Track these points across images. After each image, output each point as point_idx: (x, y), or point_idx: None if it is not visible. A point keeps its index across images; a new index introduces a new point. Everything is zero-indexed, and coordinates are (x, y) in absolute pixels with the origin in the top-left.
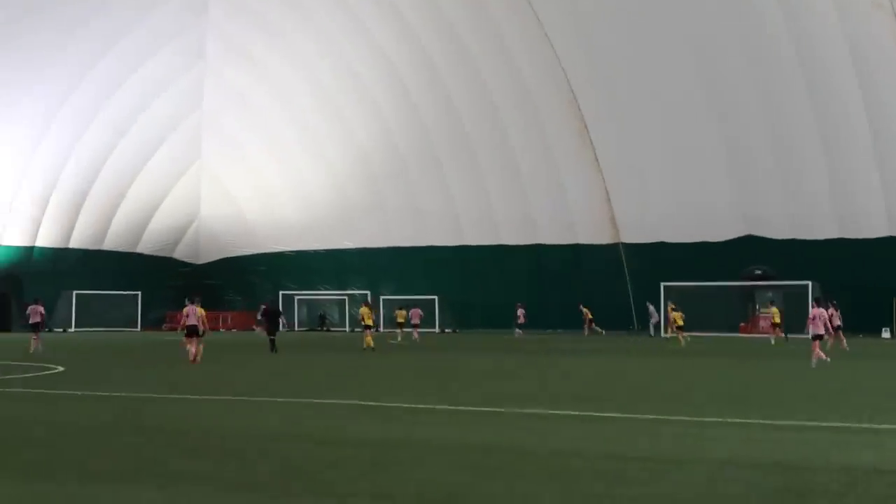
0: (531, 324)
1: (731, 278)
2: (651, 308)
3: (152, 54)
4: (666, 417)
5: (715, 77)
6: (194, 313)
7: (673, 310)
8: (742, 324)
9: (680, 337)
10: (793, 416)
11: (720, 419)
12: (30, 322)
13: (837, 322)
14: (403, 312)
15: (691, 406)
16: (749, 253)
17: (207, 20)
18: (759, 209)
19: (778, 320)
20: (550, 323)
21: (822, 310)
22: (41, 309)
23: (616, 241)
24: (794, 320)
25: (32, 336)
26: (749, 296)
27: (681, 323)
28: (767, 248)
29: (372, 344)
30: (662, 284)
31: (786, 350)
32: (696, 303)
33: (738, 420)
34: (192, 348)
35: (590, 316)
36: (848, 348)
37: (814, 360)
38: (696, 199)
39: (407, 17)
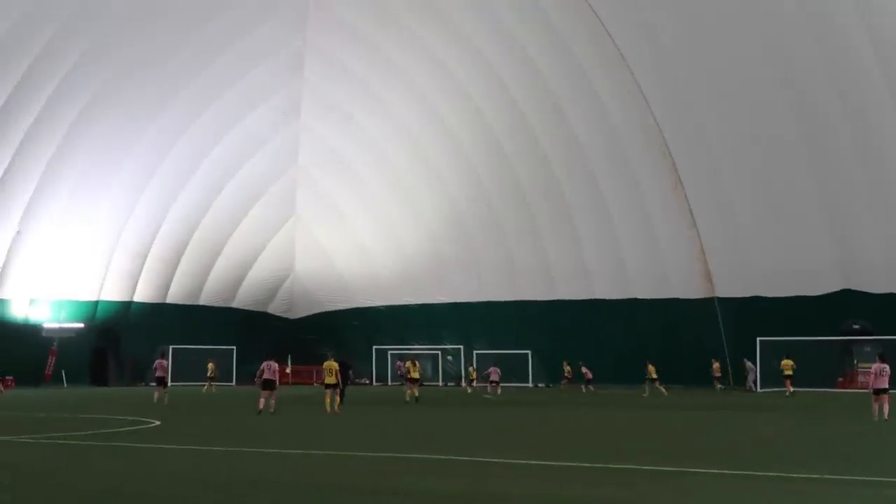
0: (622, 379)
1: (828, 333)
2: (748, 364)
3: (249, 111)
4: (762, 474)
5: (812, 129)
6: (269, 369)
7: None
8: (840, 378)
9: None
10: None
11: (815, 475)
12: (156, 376)
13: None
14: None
15: (786, 462)
16: (846, 307)
17: (303, 78)
18: (856, 263)
19: (790, 373)
20: (642, 377)
21: (878, 365)
22: (165, 364)
23: (711, 295)
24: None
25: (156, 389)
26: (847, 350)
27: (789, 372)
28: (865, 302)
29: (416, 394)
30: (758, 339)
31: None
32: (793, 358)
33: (833, 477)
34: (262, 400)
35: (654, 375)
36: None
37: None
38: (792, 252)
39: (500, 72)
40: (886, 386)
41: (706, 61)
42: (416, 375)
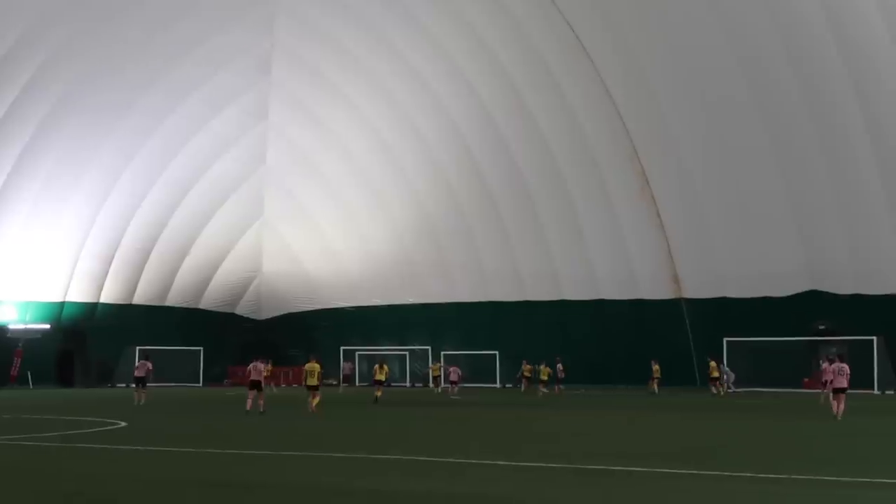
0: (591, 379)
1: (795, 333)
2: (724, 367)
3: (217, 113)
4: (735, 474)
5: (779, 132)
6: (256, 369)
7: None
8: (805, 379)
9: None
10: (858, 472)
11: (787, 476)
12: (135, 376)
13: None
14: (437, 366)
15: (762, 462)
16: (813, 308)
17: (271, 80)
18: (823, 264)
19: (716, 374)
20: (611, 378)
21: (837, 365)
22: (149, 365)
23: (678, 296)
24: (861, 375)
25: (136, 391)
26: (813, 351)
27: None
28: (831, 303)
29: (379, 394)
30: (725, 340)
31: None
32: (759, 358)
33: (804, 477)
34: (250, 400)
35: (657, 375)
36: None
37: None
38: (759, 254)
39: (468, 75)
40: (846, 385)
41: (676, 65)
42: (381, 377)
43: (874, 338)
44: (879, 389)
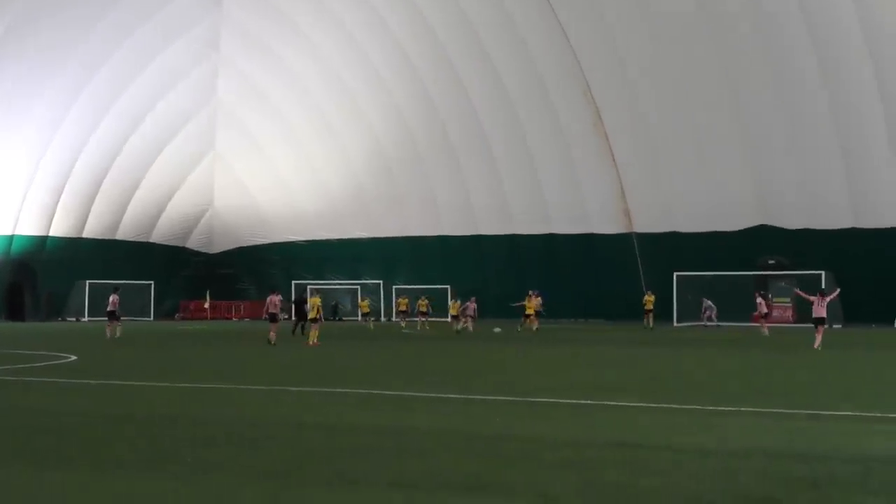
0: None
1: (745, 268)
2: (707, 302)
3: (167, 46)
4: (681, 406)
5: (730, 68)
6: (273, 303)
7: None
8: (754, 313)
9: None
10: (806, 405)
11: (735, 408)
12: (107, 311)
13: (765, 310)
14: (405, 300)
15: (706, 395)
16: (762, 243)
17: (221, 11)
18: (773, 198)
19: (651, 307)
20: (563, 312)
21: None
22: (117, 299)
23: (629, 230)
24: (810, 309)
25: (108, 324)
26: (762, 285)
27: (650, 307)
28: (781, 237)
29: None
30: (675, 274)
31: (790, 340)
32: (709, 292)
33: (752, 409)
34: (273, 334)
35: (649, 306)
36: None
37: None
38: (710, 188)
39: (422, 8)
40: (824, 315)
41: (631, 2)
42: (313, 315)
43: (822, 272)
44: (827, 323)
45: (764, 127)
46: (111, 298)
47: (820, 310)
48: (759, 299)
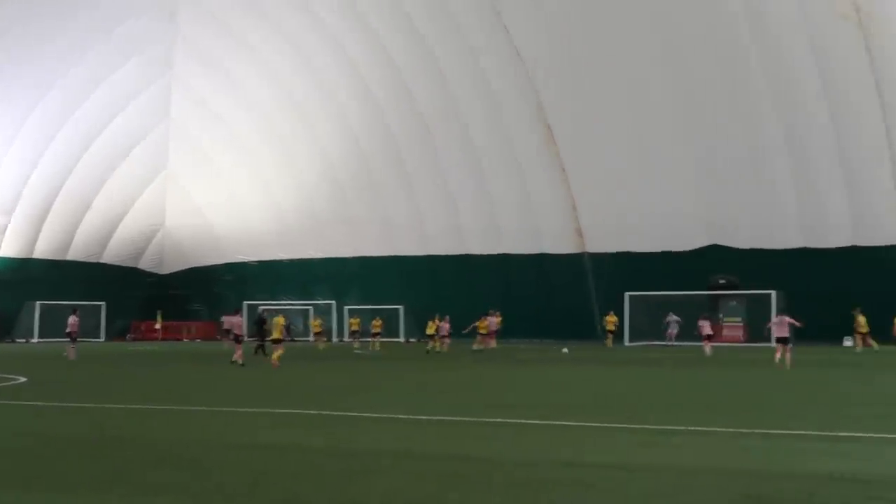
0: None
1: (696, 287)
2: (672, 316)
3: (120, 65)
4: (632, 426)
5: (682, 87)
6: (236, 324)
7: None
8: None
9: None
10: (755, 423)
11: (685, 427)
12: (66, 332)
13: (708, 331)
14: (357, 321)
15: (658, 414)
16: (714, 262)
17: (175, 30)
18: (724, 219)
19: (612, 328)
20: (516, 333)
21: (779, 317)
22: (76, 320)
23: (581, 250)
24: (760, 329)
25: (67, 346)
26: (713, 305)
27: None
28: (732, 257)
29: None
30: (627, 294)
31: (740, 359)
32: (660, 312)
33: (703, 428)
34: (239, 353)
35: (611, 327)
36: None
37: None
38: (662, 208)
39: (374, 27)
40: (787, 335)
41: (583, 16)
42: (277, 335)
43: (773, 292)
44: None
45: (715, 147)
46: (70, 320)
47: (783, 329)
48: (700, 322)
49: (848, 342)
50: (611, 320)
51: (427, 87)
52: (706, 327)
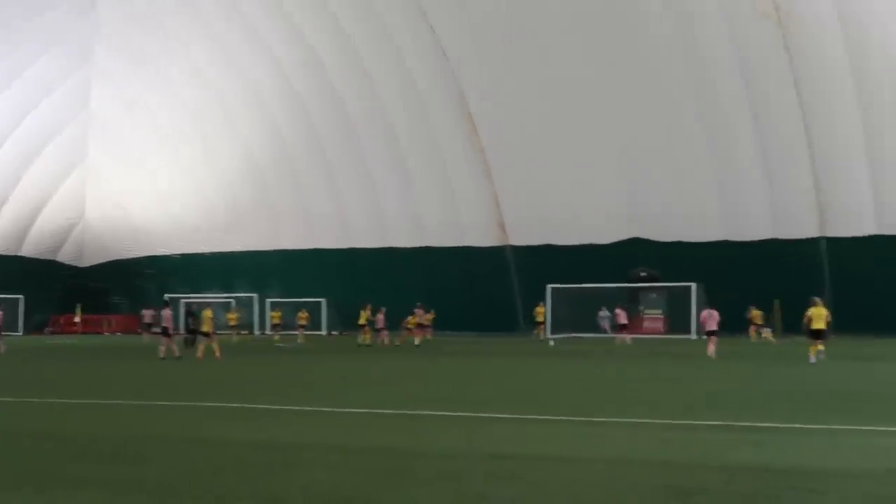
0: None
1: (618, 280)
2: (604, 311)
3: (39, 56)
4: (557, 418)
5: (604, 83)
6: (165, 317)
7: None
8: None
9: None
10: (677, 415)
11: (610, 418)
12: None
13: (623, 321)
14: (279, 314)
15: (583, 406)
16: (635, 255)
17: (96, 22)
18: (645, 211)
19: (542, 319)
20: (439, 325)
21: (707, 310)
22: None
23: (504, 243)
24: (680, 320)
25: None
26: (634, 297)
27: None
28: (653, 250)
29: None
30: (549, 287)
31: (661, 351)
32: (582, 305)
33: (628, 419)
34: (162, 347)
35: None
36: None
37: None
38: (584, 202)
39: (296, 19)
40: (716, 328)
41: (504, 9)
42: (206, 328)
43: (693, 284)
44: (697, 335)
45: (637, 142)
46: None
47: (711, 323)
48: (617, 310)
49: (767, 334)
50: (540, 311)
51: (351, 84)
52: (621, 316)
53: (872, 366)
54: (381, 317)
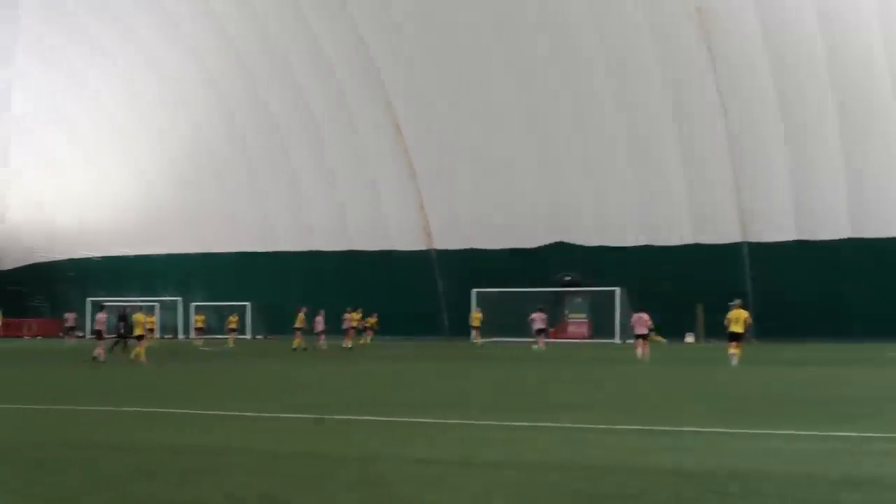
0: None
1: (543, 284)
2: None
3: None
4: (475, 422)
5: (527, 87)
6: (98, 321)
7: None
8: (551, 329)
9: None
10: (598, 419)
11: (529, 423)
12: None
13: (541, 326)
14: (202, 317)
15: (502, 410)
16: (560, 259)
17: (18, 24)
18: (569, 216)
19: (478, 324)
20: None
21: (637, 315)
22: None
23: (429, 247)
24: (605, 325)
25: None
26: (558, 301)
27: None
28: (578, 254)
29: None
30: (474, 291)
31: (585, 356)
32: (507, 309)
33: (548, 424)
34: (101, 350)
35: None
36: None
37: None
38: (508, 206)
39: (221, 20)
40: (646, 332)
41: (428, 13)
42: (139, 332)
43: (617, 289)
44: (620, 339)
45: (559, 146)
46: None
47: (640, 326)
48: (532, 316)
49: (689, 338)
50: (476, 316)
51: (275, 86)
52: (538, 321)
53: (793, 370)
54: (319, 319)
